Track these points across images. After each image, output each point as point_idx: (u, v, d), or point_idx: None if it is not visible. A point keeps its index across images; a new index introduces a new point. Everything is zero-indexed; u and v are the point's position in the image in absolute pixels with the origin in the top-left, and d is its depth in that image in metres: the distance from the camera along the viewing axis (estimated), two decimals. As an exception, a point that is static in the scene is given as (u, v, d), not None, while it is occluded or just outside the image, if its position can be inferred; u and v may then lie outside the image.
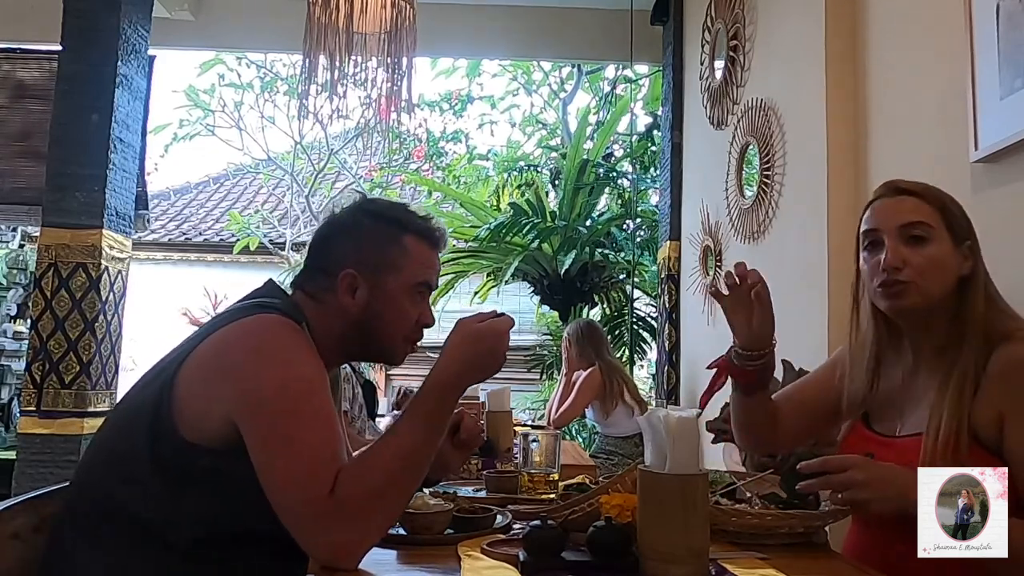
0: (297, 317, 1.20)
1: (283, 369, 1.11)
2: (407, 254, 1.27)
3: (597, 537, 1.02)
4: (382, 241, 1.27)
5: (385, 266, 1.26)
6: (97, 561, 1.09)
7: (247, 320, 1.16)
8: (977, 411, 1.13)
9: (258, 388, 1.09)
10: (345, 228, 1.30)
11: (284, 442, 1.07)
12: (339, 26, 2.25)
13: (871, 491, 1.09)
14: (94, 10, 3.15)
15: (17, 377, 5.50)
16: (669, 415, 0.99)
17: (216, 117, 9.41)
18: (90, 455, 1.19)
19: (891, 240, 1.22)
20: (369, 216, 1.30)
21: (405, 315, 1.28)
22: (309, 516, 1.05)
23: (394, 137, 7.76)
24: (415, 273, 1.27)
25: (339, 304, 1.24)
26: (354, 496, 1.05)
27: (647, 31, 4.23)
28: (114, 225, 3.14)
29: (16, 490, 2.85)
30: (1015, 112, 1.43)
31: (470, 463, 2.38)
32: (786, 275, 2.45)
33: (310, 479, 1.05)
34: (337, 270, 1.24)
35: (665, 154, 4.11)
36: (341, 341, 1.26)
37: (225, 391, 1.10)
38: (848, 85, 2.17)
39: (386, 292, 1.25)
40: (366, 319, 1.25)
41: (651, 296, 6.11)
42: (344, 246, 1.27)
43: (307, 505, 1.05)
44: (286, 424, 1.08)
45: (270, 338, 1.14)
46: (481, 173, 9.22)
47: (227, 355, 1.13)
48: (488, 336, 1.17)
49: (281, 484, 1.06)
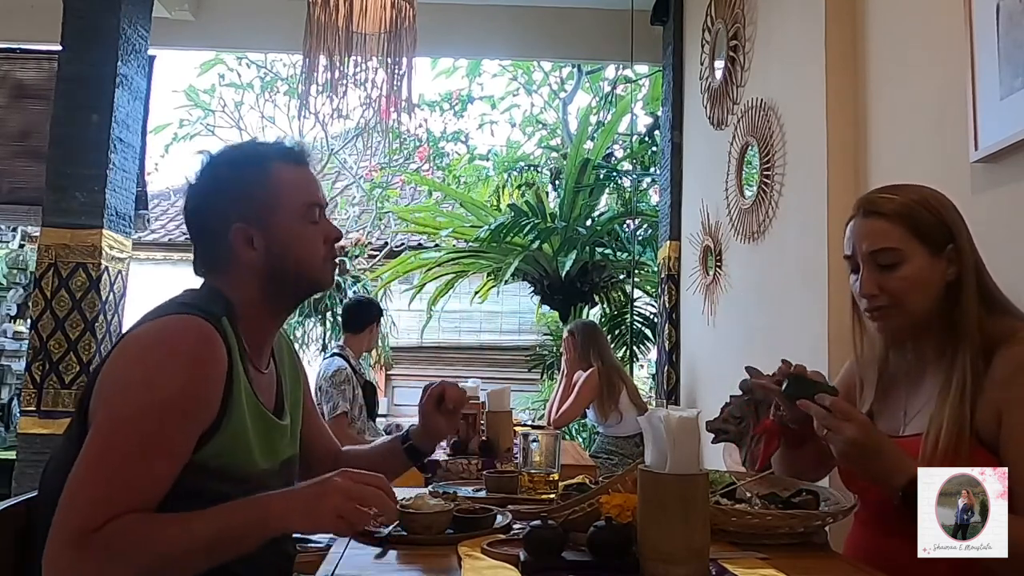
0: (216, 311, 1.15)
1: (148, 378, 1.05)
2: (279, 182, 1.21)
3: (597, 537, 1.02)
4: (250, 183, 1.21)
5: (266, 204, 1.20)
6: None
7: (157, 321, 1.11)
8: (980, 414, 1.13)
9: (116, 389, 1.06)
10: (210, 190, 1.23)
11: (96, 454, 1.02)
12: (339, 26, 2.25)
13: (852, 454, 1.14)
14: (94, 10, 3.15)
15: (17, 377, 5.50)
16: (669, 415, 0.99)
17: (216, 117, 9.42)
18: (52, 464, 1.15)
19: (865, 267, 1.23)
20: (225, 167, 1.24)
21: (309, 240, 1.23)
22: (61, 540, 0.97)
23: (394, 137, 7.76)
24: (297, 196, 1.22)
25: (244, 263, 1.20)
26: (113, 550, 0.98)
27: (647, 31, 4.23)
28: (114, 225, 3.15)
29: (16, 490, 2.85)
30: (1015, 112, 1.43)
31: (470, 463, 2.38)
32: (786, 275, 2.45)
33: (87, 505, 0.99)
34: (226, 232, 1.19)
35: (665, 154, 4.11)
36: (267, 296, 1.22)
37: (104, 388, 1.07)
38: (848, 85, 2.17)
39: (280, 227, 1.20)
40: (277, 263, 1.20)
41: (651, 296, 6.11)
42: (218, 206, 1.21)
43: (66, 526, 0.98)
44: (109, 439, 1.02)
45: (162, 344, 1.08)
46: (481, 173, 9.23)
47: (118, 352, 1.10)
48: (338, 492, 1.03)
49: (68, 493, 1.00)
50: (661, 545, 0.97)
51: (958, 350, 1.17)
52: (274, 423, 1.23)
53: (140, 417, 1.04)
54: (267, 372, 1.26)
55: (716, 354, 3.24)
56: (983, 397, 1.13)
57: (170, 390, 1.05)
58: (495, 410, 2.54)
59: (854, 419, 1.14)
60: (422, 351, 8.51)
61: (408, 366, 8.63)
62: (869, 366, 1.34)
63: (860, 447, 1.13)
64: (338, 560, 1.11)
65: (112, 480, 1.01)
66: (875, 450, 1.14)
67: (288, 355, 1.37)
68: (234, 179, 1.22)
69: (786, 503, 1.23)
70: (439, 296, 6.73)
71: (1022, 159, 1.45)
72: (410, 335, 8.00)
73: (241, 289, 1.21)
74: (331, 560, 1.11)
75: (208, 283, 1.23)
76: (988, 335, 1.16)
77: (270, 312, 1.25)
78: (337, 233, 1.27)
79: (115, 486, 1.01)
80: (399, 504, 1.26)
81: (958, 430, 1.12)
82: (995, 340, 1.15)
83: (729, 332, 3.03)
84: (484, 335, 8.72)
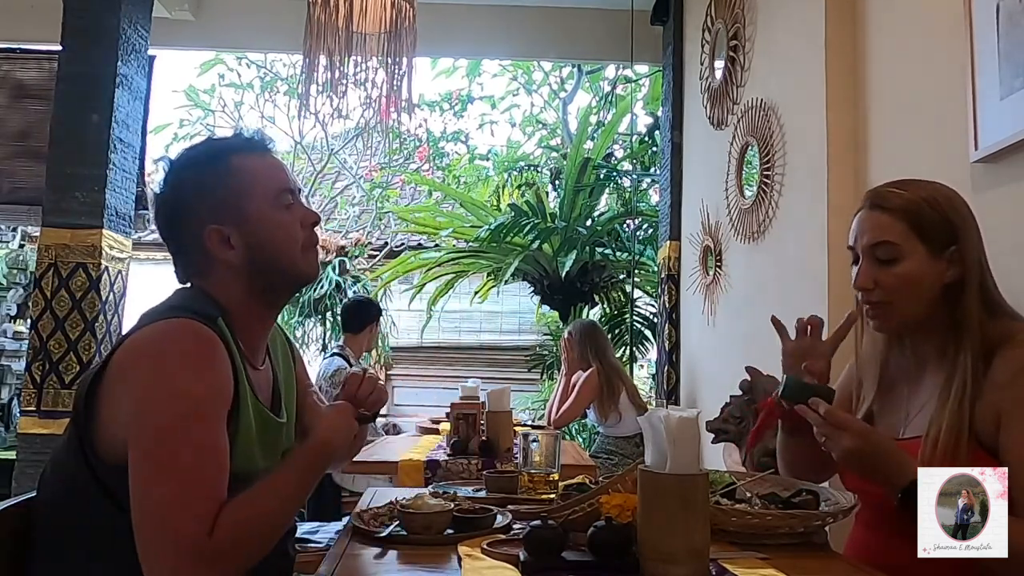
0: (211, 312, 1.14)
1: (175, 386, 1.04)
2: (244, 174, 1.19)
3: (597, 537, 1.02)
4: (215, 181, 1.18)
5: (236, 199, 1.18)
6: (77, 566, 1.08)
7: (155, 326, 1.10)
8: (980, 416, 1.13)
9: (147, 403, 1.04)
10: (178, 196, 1.21)
11: (161, 469, 1.00)
12: (339, 26, 2.25)
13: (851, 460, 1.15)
14: (94, 10, 3.14)
15: (17, 377, 5.51)
16: (669, 415, 0.99)
17: (216, 117, 9.41)
18: (48, 468, 1.16)
19: (863, 259, 1.23)
20: (188, 170, 1.21)
21: (287, 228, 1.20)
22: (184, 556, 0.97)
23: (394, 137, 7.76)
24: (265, 186, 1.20)
25: (224, 263, 1.18)
26: (235, 539, 1.00)
27: (647, 31, 4.23)
28: (114, 225, 3.14)
29: (16, 490, 2.85)
30: (1015, 112, 1.43)
31: (470, 463, 2.38)
32: (786, 275, 2.45)
33: (188, 514, 0.98)
34: (201, 235, 1.17)
35: (665, 154, 4.11)
36: (254, 294, 1.20)
37: (124, 404, 1.05)
38: (848, 85, 2.17)
39: (254, 220, 1.18)
40: (256, 258, 1.18)
41: (651, 296, 6.11)
42: (190, 211, 1.19)
43: (183, 545, 0.97)
44: (168, 449, 1.01)
45: (171, 348, 1.07)
46: (481, 173, 9.22)
47: (129, 364, 1.07)
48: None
49: (156, 515, 0.98)
50: (661, 545, 0.97)
51: (959, 351, 1.16)
52: (273, 421, 1.22)
53: (183, 425, 1.03)
54: (263, 368, 1.25)
55: (716, 354, 3.23)
56: (983, 399, 1.13)
57: (197, 391, 1.05)
58: (495, 410, 2.54)
59: (849, 428, 1.14)
60: (422, 351, 8.49)
61: (408, 366, 8.61)
62: (870, 363, 1.34)
63: (858, 454, 1.13)
64: (338, 560, 1.11)
65: (191, 488, 1.00)
66: (873, 454, 1.13)
67: (282, 348, 1.35)
68: (198, 181, 1.19)
69: (786, 503, 1.23)
70: (439, 296, 6.72)
71: (1022, 159, 1.45)
72: (410, 335, 7.99)
73: (227, 290, 1.19)
74: (331, 560, 1.11)
75: (196, 285, 1.22)
76: (988, 337, 1.15)
77: (260, 309, 1.23)
78: (314, 217, 1.24)
79: (198, 491, 1.01)
80: (399, 504, 1.26)
81: (957, 432, 1.12)
82: (995, 342, 1.15)
83: (729, 332, 3.03)
84: (484, 335, 8.71)
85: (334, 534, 2.28)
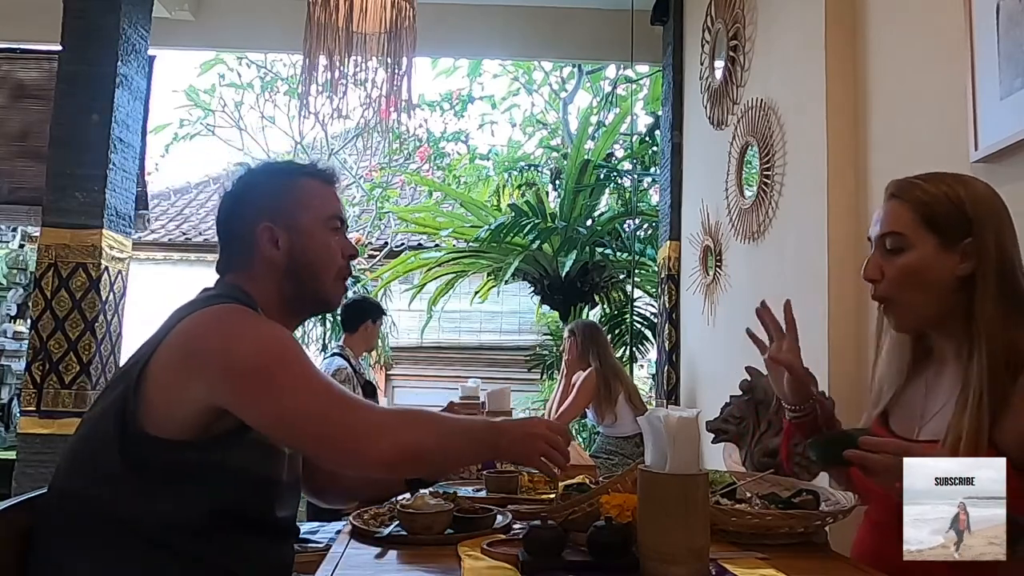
0: (247, 302, 1.22)
1: (253, 337, 1.14)
2: (309, 192, 1.33)
3: (597, 537, 1.02)
4: (283, 189, 1.32)
5: (294, 207, 1.30)
6: (82, 564, 1.09)
7: (204, 311, 1.18)
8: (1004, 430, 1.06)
9: (239, 359, 1.11)
10: (245, 194, 1.33)
11: (296, 388, 1.11)
12: (339, 26, 2.24)
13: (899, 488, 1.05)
14: (94, 10, 3.15)
15: (17, 377, 5.50)
16: (669, 415, 0.99)
17: (216, 117, 9.42)
18: (66, 461, 1.18)
19: (875, 250, 1.21)
20: (262, 175, 1.37)
21: (329, 249, 1.32)
22: (370, 421, 1.13)
23: (394, 137, 7.77)
24: (322, 207, 1.32)
25: (267, 261, 1.28)
26: (403, 419, 1.18)
27: (647, 31, 4.23)
28: (114, 225, 3.15)
29: (16, 490, 2.85)
30: (1015, 112, 1.43)
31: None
32: (786, 275, 2.45)
33: (363, 424, 1.13)
34: (254, 229, 1.28)
35: (665, 154, 4.11)
36: (283, 297, 1.29)
37: (201, 379, 1.11)
38: (848, 85, 2.17)
39: (304, 230, 1.29)
40: (296, 264, 1.29)
41: (651, 296, 6.11)
42: (251, 208, 1.31)
43: (365, 412, 1.14)
44: (287, 373, 1.12)
45: (230, 318, 1.17)
46: (482, 173, 9.23)
47: (194, 344, 1.14)
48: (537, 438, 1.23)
49: (323, 408, 1.11)
50: (661, 545, 0.97)
51: (974, 353, 1.11)
52: None
53: (272, 347, 1.14)
54: None
55: (716, 354, 3.23)
56: (1009, 418, 1.06)
57: (280, 333, 1.18)
58: (495, 410, 2.54)
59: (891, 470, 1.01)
60: (422, 351, 8.50)
61: (408, 366, 8.63)
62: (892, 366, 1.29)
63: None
64: (338, 560, 1.11)
65: (341, 397, 1.15)
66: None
67: None
68: (266, 184, 1.34)
69: (786, 503, 1.23)
70: (439, 296, 6.72)
71: (1022, 159, 1.45)
72: (410, 335, 8.00)
73: (260, 285, 1.27)
74: (331, 560, 1.11)
75: (228, 280, 1.30)
76: (1014, 341, 1.09)
77: (282, 316, 1.29)
78: (353, 251, 1.36)
79: (348, 397, 1.16)
80: (399, 504, 1.26)
81: (976, 441, 1.06)
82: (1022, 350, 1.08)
83: (729, 332, 3.03)
84: (484, 335, 8.71)
85: (334, 534, 2.27)
